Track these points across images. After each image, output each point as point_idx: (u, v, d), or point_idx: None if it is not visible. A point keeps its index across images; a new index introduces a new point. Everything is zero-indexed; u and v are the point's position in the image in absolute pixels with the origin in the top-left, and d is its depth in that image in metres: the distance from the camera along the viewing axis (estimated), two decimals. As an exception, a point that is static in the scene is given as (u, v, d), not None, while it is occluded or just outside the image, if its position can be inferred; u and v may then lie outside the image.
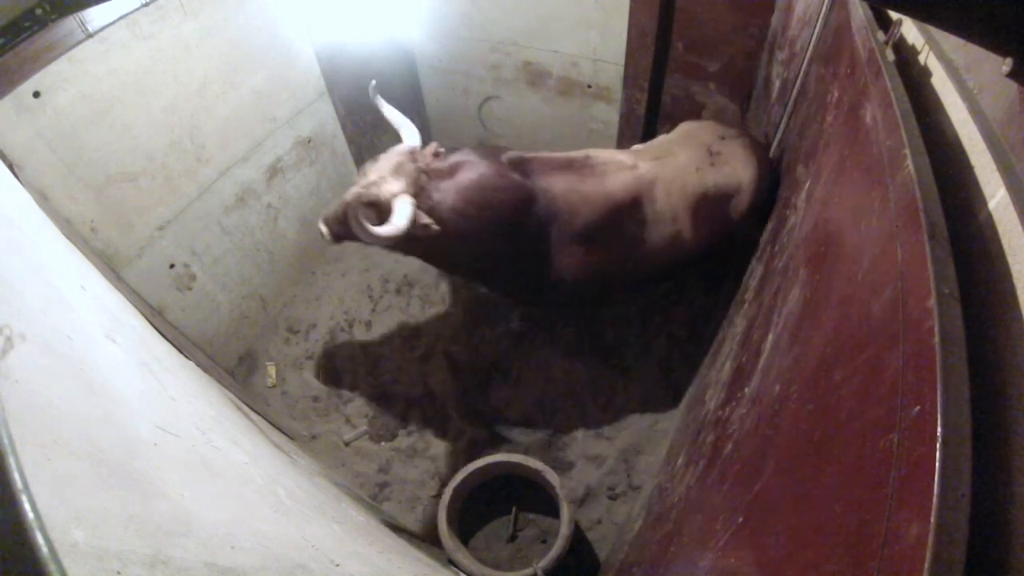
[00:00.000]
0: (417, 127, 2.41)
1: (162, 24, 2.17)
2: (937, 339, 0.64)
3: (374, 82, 2.31)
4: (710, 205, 2.35)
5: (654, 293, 3.14)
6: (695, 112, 2.99)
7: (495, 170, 2.16)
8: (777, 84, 2.42)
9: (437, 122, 3.86)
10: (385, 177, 2.06)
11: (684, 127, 2.60)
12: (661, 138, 2.60)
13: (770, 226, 2.19)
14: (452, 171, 2.14)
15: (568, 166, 2.31)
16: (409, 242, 2.09)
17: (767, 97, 2.56)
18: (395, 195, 2.00)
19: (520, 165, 2.25)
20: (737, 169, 2.34)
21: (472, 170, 2.14)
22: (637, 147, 2.58)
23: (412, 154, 2.17)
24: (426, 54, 3.52)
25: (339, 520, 1.59)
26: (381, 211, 2.02)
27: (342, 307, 3.25)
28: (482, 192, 2.11)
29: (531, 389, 2.83)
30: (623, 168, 2.33)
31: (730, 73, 2.75)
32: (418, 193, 2.05)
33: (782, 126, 2.36)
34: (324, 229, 2.22)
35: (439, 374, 2.93)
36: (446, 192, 2.09)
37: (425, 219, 2.03)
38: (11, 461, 0.46)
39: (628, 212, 2.31)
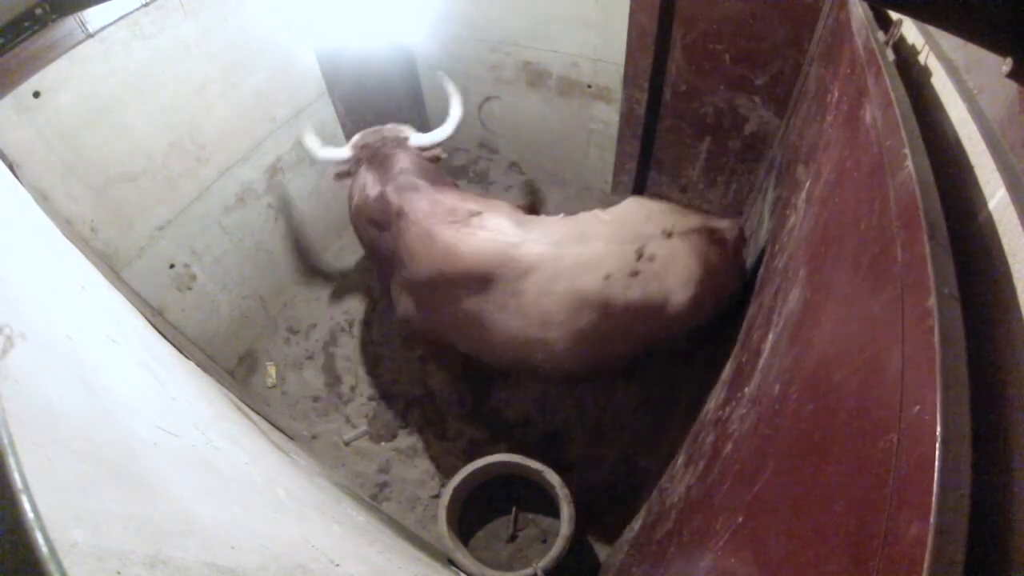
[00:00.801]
0: (416, 127, 2.49)
1: (162, 24, 2.17)
2: (937, 339, 0.64)
3: (441, 72, 2.67)
4: (613, 326, 1.82)
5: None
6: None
7: (375, 194, 2.27)
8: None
9: (437, 122, 3.81)
10: (369, 132, 2.50)
11: (629, 207, 2.03)
12: (594, 214, 2.04)
13: (770, 226, 2.19)
14: (373, 167, 2.37)
15: (443, 214, 2.04)
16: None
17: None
18: (347, 144, 2.48)
19: (405, 192, 2.17)
20: (670, 285, 1.78)
21: (366, 180, 2.34)
22: (559, 219, 2.04)
23: (396, 138, 2.46)
24: (426, 54, 3.52)
25: (339, 520, 1.59)
26: None
27: (342, 307, 3.25)
28: (358, 204, 2.36)
29: (531, 389, 2.83)
30: (496, 238, 1.90)
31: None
32: (356, 162, 2.44)
33: (782, 127, 2.34)
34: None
35: (439, 374, 2.93)
36: (355, 184, 2.43)
37: (335, 171, 2.50)
38: (11, 461, 0.46)
39: (472, 286, 1.92)
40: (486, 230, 1.94)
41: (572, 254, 1.83)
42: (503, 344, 1.97)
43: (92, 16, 1.93)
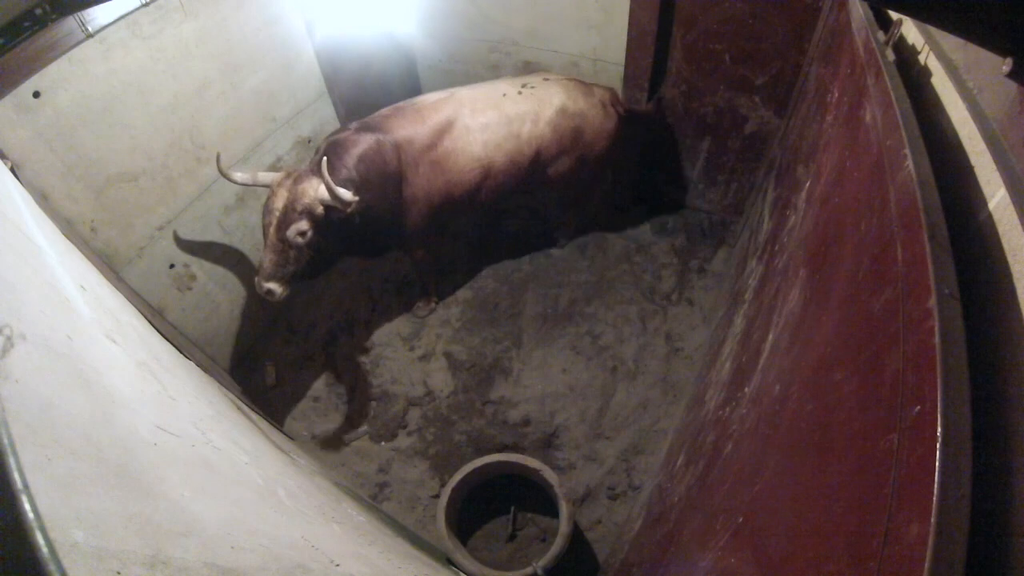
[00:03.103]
0: None
1: (162, 24, 2.17)
2: (937, 339, 0.64)
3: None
4: (513, 132, 2.68)
5: (654, 293, 3.14)
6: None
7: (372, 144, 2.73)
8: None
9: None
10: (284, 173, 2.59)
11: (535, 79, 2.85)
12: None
13: (770, 226, 2.19)
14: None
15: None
16: None
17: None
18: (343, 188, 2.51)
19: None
20: (542, 102, 2.70)
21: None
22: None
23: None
24: (426, 54, 3.52)
25: (339, 520, 1.59)
26: None
27: (342, 307, 3.25)
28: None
29: (531, 389, 2.83)
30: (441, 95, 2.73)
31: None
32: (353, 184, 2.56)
33: (782, 127, 2.34)
34: None
35: (439, 374, 2.93)
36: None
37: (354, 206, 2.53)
38: (11, 461, 0.46)
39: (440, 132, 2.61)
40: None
41: (484, 88, 2.74)
42: (469, 167, 2.63)
43: (92, 16, 1.93)
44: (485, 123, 2.62)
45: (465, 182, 2.66)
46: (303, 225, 2.23)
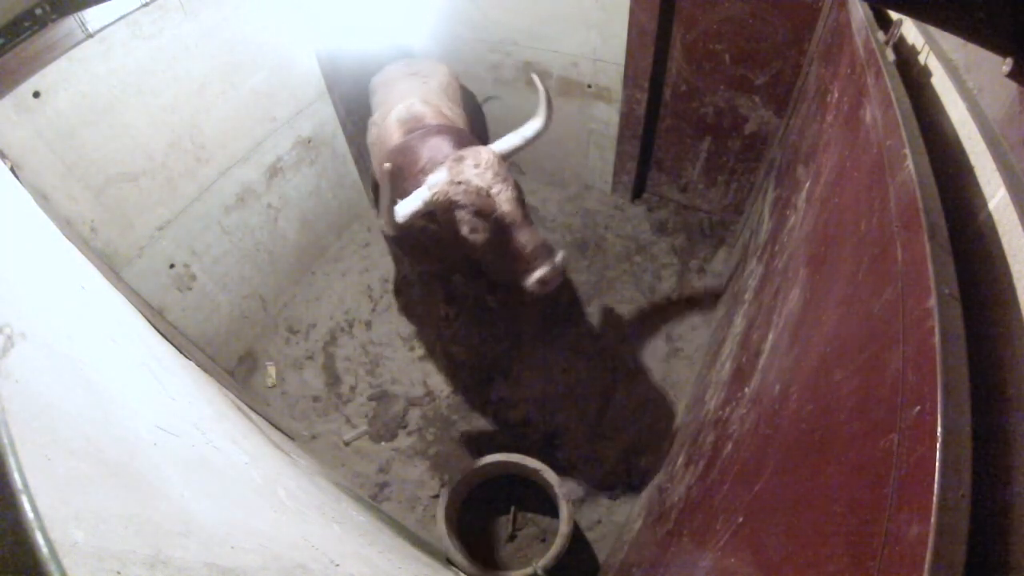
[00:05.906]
0: None
1: (162, 24, 2.17)
2: (937, 339, 0.64)
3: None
4: None
5: (654, 293, 3.14)
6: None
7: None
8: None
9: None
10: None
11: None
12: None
13: (770, 226, 2.19)
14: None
15: None
16: None
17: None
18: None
19: None
20: None
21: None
22: None
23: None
24: (426, 54, 3.51)
25: (339, 520, 1.59)
26: None
27: (342, 307, 3.25)
28: None
29: (531, 389, 2.83)
30: None
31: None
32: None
33: (782, 127, 2.34)
34: None
35: (439, 374, 2.93)
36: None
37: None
38: (11, 461, 0.46)
39: None
40: None
41: (415, 91, 2.66)
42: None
43: (92, 16, 1.92)
44: (449, 104, 2.71)
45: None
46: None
